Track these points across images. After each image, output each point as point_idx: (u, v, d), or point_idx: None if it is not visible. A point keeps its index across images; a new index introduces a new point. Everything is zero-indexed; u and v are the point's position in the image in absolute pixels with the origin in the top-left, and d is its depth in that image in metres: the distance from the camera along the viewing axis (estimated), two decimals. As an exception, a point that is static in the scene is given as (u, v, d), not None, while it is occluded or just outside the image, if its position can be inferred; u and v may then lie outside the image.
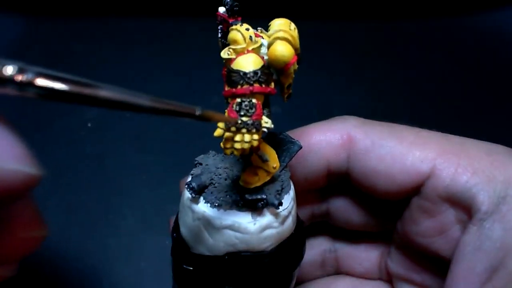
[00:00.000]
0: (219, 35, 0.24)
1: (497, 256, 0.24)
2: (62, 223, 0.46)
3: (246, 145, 0.21)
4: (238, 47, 0.22)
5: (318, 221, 0.33)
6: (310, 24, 0.75)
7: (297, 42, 0.22)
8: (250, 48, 0.22)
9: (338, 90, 0.63)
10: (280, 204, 0.24)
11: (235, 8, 0.22)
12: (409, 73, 0.69)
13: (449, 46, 0.74)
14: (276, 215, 0.24)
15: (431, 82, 0.67)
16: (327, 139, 0.29)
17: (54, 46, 0.67)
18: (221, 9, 0.23)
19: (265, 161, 0.23)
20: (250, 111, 0.21)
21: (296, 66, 0.23)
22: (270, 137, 0.27)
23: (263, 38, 0.22)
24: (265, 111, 0.22)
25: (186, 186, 0.24)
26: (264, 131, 0.22)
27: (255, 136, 0.21)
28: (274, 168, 0.24)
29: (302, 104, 0.56)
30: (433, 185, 0.27)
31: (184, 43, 0.69)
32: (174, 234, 0.26)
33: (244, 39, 0.22)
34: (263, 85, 0.21)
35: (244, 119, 0.20)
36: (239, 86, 0.21)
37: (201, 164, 0.26)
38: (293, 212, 0.25)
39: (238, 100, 0.21)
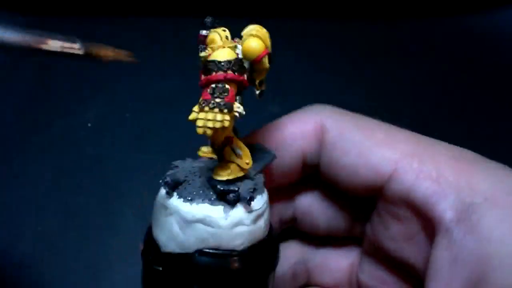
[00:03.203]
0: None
1: (475, 270, 0.22)
2: (62, 222, 0.46)
3: (218, 124, 0.22)
4: (215, 45, 0.24)
5: (287, 227, 0.32)
6: (310, 23, 0.75)
7: (267, 41, 0.24)
8: (226, 46, 0.24)
9: (338, 90, 0.63)
10: (252, 199, 0.24)
11: (215, 24, 0.24)
12: (409, 73, 0.69)
13: (449, 46, 0.74)
14: (248, 212, 0.24)
15: (431, 82, 0.67)
16: (301, 130, 0.28)
17: (54, 46, 0.67)
18: (204, 32, 0.26)
19: (238, 155, 0.24)
20: (223, 94, 0.22)
21: (268, 65, 0.24)
22: (246, 147, 0.28)
23: (239, 44, 0.24)
24: (237, 98, 0.24)
25: (161, 182, 0.25)
26: (236, 116, 0.23)
27: (227, 117, 0.22)
28: (247, 164, 0.25)
29: (301, 103, 0.56)
30: (395, 188, 0.26)
31: (184, 43, 0.69)
32: (146, 238, 0.26)
33: (221, 38, 0.24)
34: (236, 74, 0.23)
35: (218, 100, 0.22)
36: (213, 73, 0.23)
37: (177, 167, 0.27)
38: (266, 216, 0.25)
39: (213, 85, 0.23)
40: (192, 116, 0.23)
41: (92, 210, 0.48)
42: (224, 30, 0.24)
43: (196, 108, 0.23)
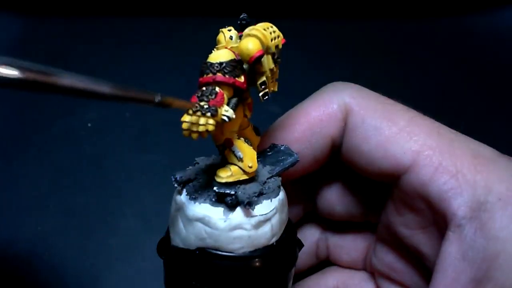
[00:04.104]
0: None
1: (481, 268, 0.23)
2: (62, 222, 0.47)
3: (201, 128, 0.22)
4: (219, 45, 0.23)
5: (309, 211, 0.33)
6: (311, 23, 0.75)
7: (268, 40, 0.23)
8: (229, 47, 0.23)
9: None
10: (249, 204, 0.23)
11: (243, 22, 0.24)
12: (409, 73, 0.69)
13: (449, 46, 0.74)
14: (249, 217, 0.24)
15: (431, 82, 0.67)
16: (327, 113, 0.28)
17: (54, 46, 0.67)
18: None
19: (239, 157, 0.24)
20: (209, 97, 0.22)
21: (272, 66, 0.24)
22: (271, 148, 0.27)
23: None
24: (233, 101, 0.23)
25: (172, 177, 0.25)
26: (224, 119, 0.22)
27: (210, 121, 0.22)
28: (250, 167, 0.24)
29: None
30: (411, 180, 0.26)
31: (184, 43, 0.69)
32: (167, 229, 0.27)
33: (225, 38, 0.23)
34: (227, 76, 0.22)
35: (201, 103, 0.22)
36: (204, 75, 0.22)
37: (198, 163, 0.27)
38: (274, 222, 0.25)
39: (204, 88, 0.22)
40: (182, 119, 0.22)
41: (92, 210, 0.48)
42: (230, 30, 0.23)
43: (189, 111, 0.22)
